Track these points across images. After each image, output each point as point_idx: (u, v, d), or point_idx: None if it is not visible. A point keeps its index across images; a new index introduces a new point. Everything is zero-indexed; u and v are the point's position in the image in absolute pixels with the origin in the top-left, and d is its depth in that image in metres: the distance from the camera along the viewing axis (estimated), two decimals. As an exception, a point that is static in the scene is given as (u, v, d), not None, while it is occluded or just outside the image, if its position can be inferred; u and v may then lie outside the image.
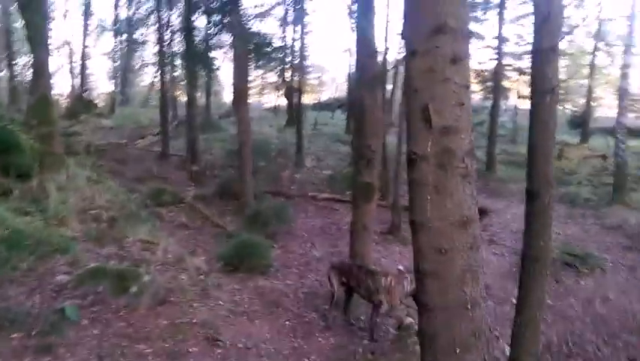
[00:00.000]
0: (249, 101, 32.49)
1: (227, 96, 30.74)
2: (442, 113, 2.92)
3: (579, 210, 13.13)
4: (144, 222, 7.98)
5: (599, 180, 15.99)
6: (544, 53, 4.20)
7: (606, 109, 27.55)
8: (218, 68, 18.80)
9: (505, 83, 22.07)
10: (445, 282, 3.02)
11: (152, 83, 32.61)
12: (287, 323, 6.04)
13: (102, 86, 38.80)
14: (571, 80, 25.96)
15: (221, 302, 5.95)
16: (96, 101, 25.70)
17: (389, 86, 21.33)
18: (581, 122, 25.01)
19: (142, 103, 31.02)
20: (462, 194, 2.97)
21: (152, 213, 9.38)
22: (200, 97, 21.08)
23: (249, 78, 28.88)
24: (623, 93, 14.91)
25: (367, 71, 7.46)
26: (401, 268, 9.15)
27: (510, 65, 19.85)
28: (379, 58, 10.82)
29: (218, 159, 16.02)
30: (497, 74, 18.29)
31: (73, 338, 4.22)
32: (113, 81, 31.14)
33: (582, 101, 27.76)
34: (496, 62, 18.36)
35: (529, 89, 4.45)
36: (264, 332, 5.58)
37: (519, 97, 24.58)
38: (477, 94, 28.22)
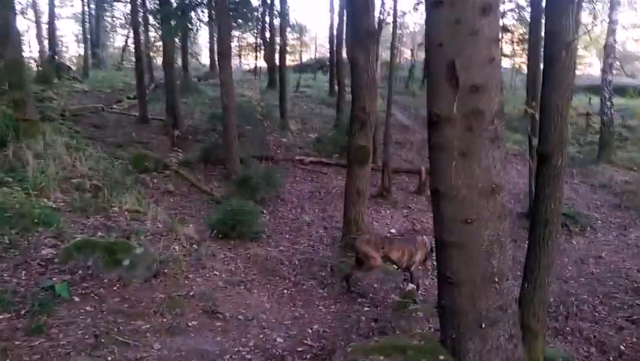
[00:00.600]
0: (228, 62, 31.22)
1: (205, 59, 29.69)
2: (470, 71, 2.67)
3: (567, 169, 13.15)
4: (129, 191, 7.62)
5: (584, 139, 16.05)
6: (559, 3, 3.93)
7: (588, 67, 27.56)
8: (197, 29, 18.00)
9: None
10: (471, 254, 2.84)
11: (126, 45, 31.35)
12: (285, 291, 5.90)
13: (72, 49, 37.24)
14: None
15: (216, 272, 5.75)
16: (68, 65, 24.54)
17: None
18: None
19: (116, 66, 29.79)
20: (490, 159, 2.76)
21: (136, 180, 9.00)
22: (177, 59, 20.29)
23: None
24: (609, 50, 14.75)
25: (361, 27, 7.10)
26: (393, 231, 9.09)
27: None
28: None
29: (201, 123, 15.51)
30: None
31: (66, 317, 3.97)
32: (83, 44, 29.72)
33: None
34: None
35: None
36: (264, 301, 5.42)
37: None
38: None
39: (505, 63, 25.09)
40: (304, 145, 14.09)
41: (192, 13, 14.88)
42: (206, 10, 16.06)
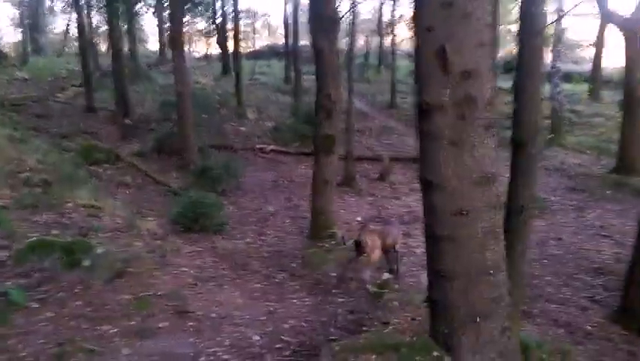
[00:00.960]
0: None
1: (153, 45, 28.60)
2: (461, 55, 2.56)
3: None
4: (82, 184, 7.19)
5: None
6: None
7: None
8: (144, 13, 17.24)
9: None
10: (465, 247, 2.75)
11: (67, 30, 29.74)
12: (257, 285, 5.71)
13: (9, 34, 34.89)
14: (501, 26, 26.46)
15: (184, 269, 5.50)
16: (6, 51, 22.99)
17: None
18: (512, 67, 25.69)
19: (57, 52, 28.21)
20: (484, 148, 2.67)
21: (88, 173, 8.52)
22: (124, 46, 19.38)
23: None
24: (557, 38, 15.24)
25: (324, 15, 6.93)
26: (359, 219, 9.04)
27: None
28: None
29: (152, 112, 14.93)
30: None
31: (24, 326, 3.65)
32: (21, 29, 27.88)
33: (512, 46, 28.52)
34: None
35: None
36: (235, 298, 5.22)
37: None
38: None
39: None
40: (262, 134, 13.84)
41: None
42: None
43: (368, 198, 9.93)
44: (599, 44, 19.53)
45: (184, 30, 26.86)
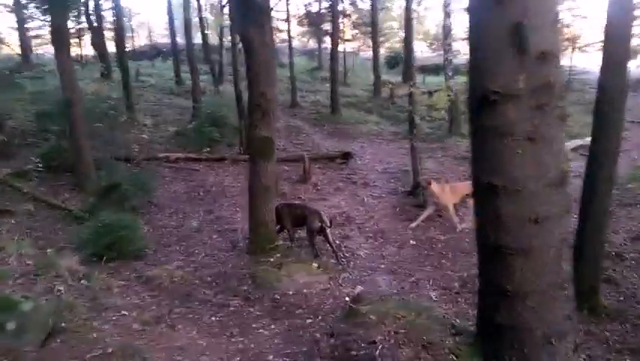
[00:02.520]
0: (40, 52, 27.19)
1: (13, 48, 25.01)
2: (540, 33, 2.15)
3: (426, 145, 13.79)
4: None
5: (430, 115, 17.12)
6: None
7: (417, 51, 29.89)
8: None
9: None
10: (540, 260, 2.35)
11: None
12: (213, 318, 4.90)
13: None
14: (385, 23, 27.40)
15: (124, 312, 4.51)
16: None
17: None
18: (396, 63, 26.69)
19: None
20: (559, 142, 2.29)
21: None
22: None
23: (39, 25, 23.99)
24: (447, 32, 15.86)
25: (254, 4, 6.22)
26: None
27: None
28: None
29: (26, 125, 12.86)
30: (335, 16, 18.13)
31: None
32: None
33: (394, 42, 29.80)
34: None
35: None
36: (195, 338, 4.39)
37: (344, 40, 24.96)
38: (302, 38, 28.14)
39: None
40: (164, 141, 12.57)
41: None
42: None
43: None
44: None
45: (46, 30, 23.92)
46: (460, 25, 19.48)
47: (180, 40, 21.23)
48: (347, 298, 5.59)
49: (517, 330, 2.46)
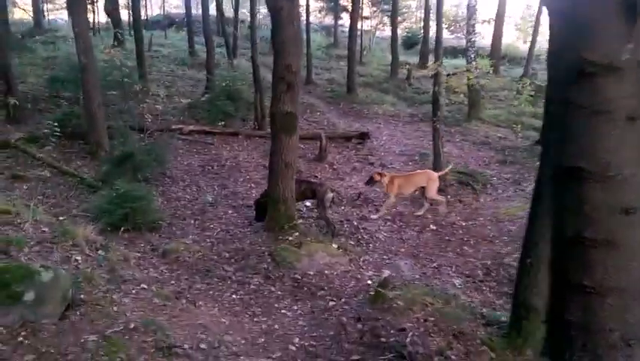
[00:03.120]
0: (52, 17, 26.78)
1: (26, 11, 24.61)
2: (650, -4, 1.87)
3: (444, 128, 13.48)
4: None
5: (449, 98, 16.76)
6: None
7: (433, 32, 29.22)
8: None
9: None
10: (626, 255, 2.11)
11: None
12: (234, 296, 4.74)
13: None
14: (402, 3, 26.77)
15: (143, 285, 4.34)
16: None
17: None
18: (413, 43, 26.10)
19: None
20: (659, 123, 2.02)
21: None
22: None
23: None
24: (471, 12, 15.41)
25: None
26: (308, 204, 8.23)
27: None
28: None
29: (39, 90, 12.63)
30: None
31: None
32: None
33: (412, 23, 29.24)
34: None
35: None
36: (217, 316, 4.23)
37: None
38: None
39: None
40: (176, 113, 12.31)
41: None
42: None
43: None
44: (498, 20, 20.31)
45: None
46: (484, 5, 18.85)
47: (194, 10, 20.82)
48: (369, 282, 5.45)
49: (592, 330, 2.23)
